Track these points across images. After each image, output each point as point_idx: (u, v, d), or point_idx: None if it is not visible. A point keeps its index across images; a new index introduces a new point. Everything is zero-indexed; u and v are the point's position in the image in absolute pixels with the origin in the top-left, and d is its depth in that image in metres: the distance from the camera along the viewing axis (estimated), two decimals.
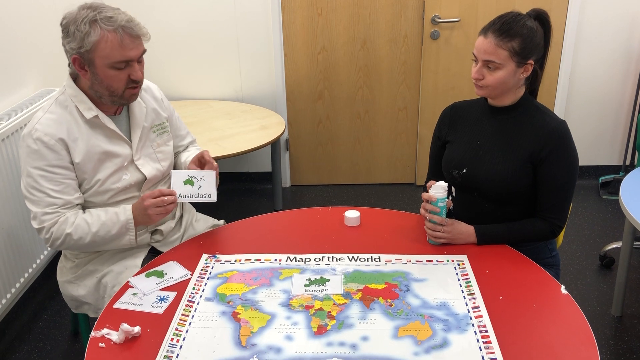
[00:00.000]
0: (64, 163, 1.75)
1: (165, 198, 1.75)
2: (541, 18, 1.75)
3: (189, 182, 1.81)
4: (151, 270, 1.69)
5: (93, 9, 1.67)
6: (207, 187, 1.80)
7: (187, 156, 2.04)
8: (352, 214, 1.92)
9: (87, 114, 1.77)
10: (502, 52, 1.68)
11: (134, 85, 1.75)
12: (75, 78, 1.80)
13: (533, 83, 1.84)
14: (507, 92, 1.78)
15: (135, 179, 1.87)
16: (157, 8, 3.48)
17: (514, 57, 1.69)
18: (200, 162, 1.87)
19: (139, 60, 1.74)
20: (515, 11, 1.73)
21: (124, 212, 1.79)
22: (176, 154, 2.11)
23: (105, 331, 1.43)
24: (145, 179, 1.89)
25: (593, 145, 3.80)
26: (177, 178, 1.81)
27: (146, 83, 1.94)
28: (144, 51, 1.75)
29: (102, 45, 1.66)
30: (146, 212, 1.75)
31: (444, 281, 1.60)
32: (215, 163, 1.85)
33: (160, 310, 1.52)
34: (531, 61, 1.73)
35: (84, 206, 1.84)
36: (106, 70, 1.69)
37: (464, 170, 1.85)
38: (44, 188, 1.73)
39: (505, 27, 1.68)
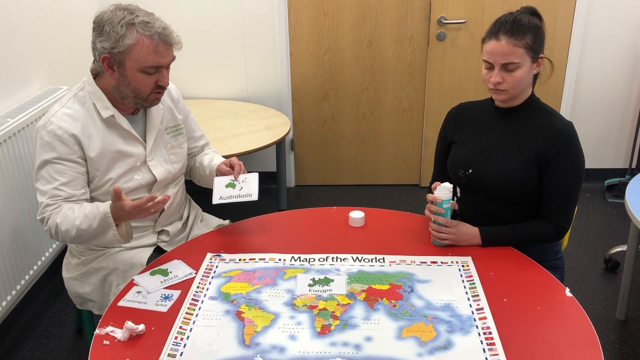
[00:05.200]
0: (75, 157, 1.75)
1: (148, 207, 1.62)
2: (537, 15, 1.77)
3: (230, 185, 1.85)
4: (156, 268, 1.70)
5: (130, 12, 1.68)
6: (248, 187, 1.84)
7: (211, 159, 2.02)
8: (356, 215, 1.92)
9: (104, 112, 1.78)
10: (519, 50, 1.69)
11: (160, 90, 1.78)
12: (95, 75, 1.81)
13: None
14: (523, 91, 1.78)
15: (146, 179, 1.88)
16: (163, 7, 3.49)
17: (529, 53, 1.71)
18: (230, 167, 1.89)
19: (167, 67, 1.76)
20: (508, 12, 1.75)
21: (103, 205, 1.69)
22: (192, 155, 2.12)
23: (109, 329, 1.43)
24: (156, 180, 1.89)
25: (599, 148, 3.79)
26: (220, 182, 1.86)
27: None
28: (174, 58, 1.77)
29: (137, 49, 1.67)
30: (131, 215, 1.64)
31: (448, 282, 1.60)
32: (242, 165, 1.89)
33: (164, 309, 1.52)
34: (542, 55, 1.74)
35: None
36: (136, 73, 1.71)
37: (470, 171, 1.85)
38: (51, 179, 1.74)
39: (515, 25, 1.69)
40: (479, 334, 1.40)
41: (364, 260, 1.72)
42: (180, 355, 1.36)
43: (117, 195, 1.62)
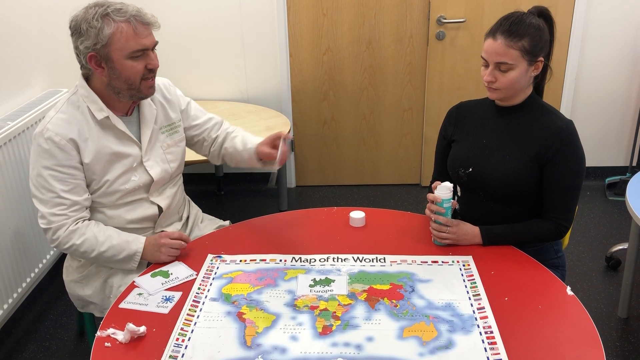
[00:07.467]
0: (74, 163, 1.75)
1: (183, 243, 1.78)
2: (544, 15, 1.76)
3: None
4: (157, 270, 1.70)
5: (100, 5, 1.70)
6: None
7: (244, 142, 2.01)
8: (357, 215, 1.92)
9: (98, 114, 1.78)
10: (513, 52, 1.68)
11: (150, 75, 1.77)
12: (87, 78, 1.81)
13: (540, 81, 1.84)
14: (519, 92, 1.78)
15: (143, 180, 1.88)
16: (162, 8, 3.49)
17: (525, 56, 1.69)
18: (274, 145, 1.88)
19: (152, 49, 1.77)
20: (518, 11, 1.74)
21: (136, 242, 1.80)
22: (211, 140, 2.07)
23: (111, 331, 1.43)
24: (153, 180, 1.89)
25: (599, 146, 3.78)
26: None
27: (156, 81, 1.93)
28: (157, 42, 1.77)
29: (117, 37, 1.68)
30: (159, 249, 1.76)
31: (449, 282, 1.60)
32: (290, 136, 1.88)
33: (165, 310, 1.52)
34: (541, 58, 1.73)
35: (93, 207, 1.85)
36: (124, 62, 1.71)
37: (470, 169, 1.85)
38: (53, 188, 1.74)
39: (514, 27, 1.68)
40: (481, 333, 1.40)
41: (364, 260, 1.72)
42: (182, 356, 1.36)
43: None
